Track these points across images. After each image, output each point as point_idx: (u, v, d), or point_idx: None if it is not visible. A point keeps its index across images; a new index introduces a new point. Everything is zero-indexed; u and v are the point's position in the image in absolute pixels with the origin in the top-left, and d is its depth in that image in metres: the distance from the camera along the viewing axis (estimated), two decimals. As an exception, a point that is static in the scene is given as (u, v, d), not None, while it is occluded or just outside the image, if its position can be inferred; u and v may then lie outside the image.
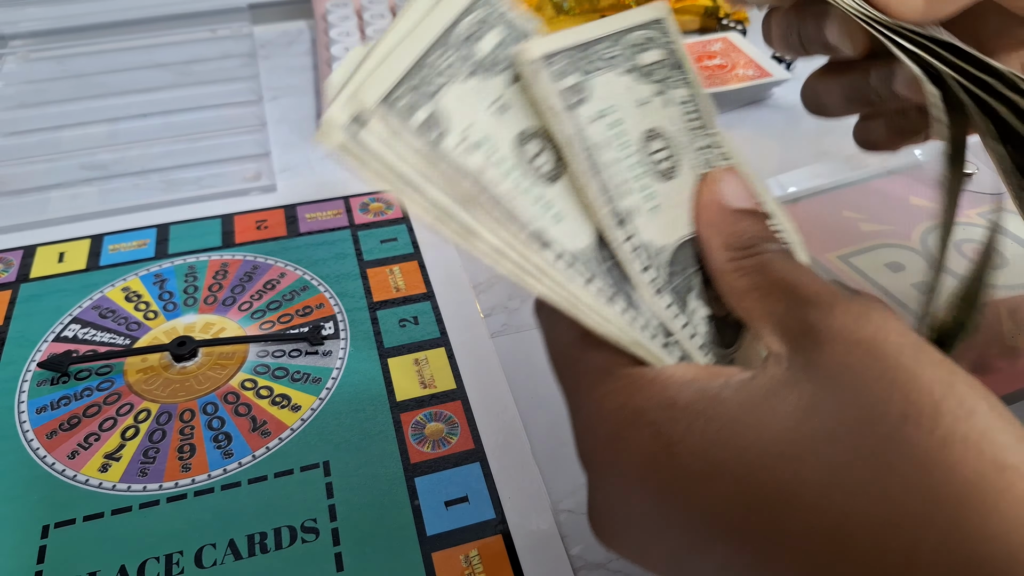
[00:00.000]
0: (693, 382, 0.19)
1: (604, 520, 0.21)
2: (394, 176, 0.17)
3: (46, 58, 0.61)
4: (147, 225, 0.46)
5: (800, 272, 0.20)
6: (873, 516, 0.16)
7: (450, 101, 0.19)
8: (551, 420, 0.36)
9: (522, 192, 0.19)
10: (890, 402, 0.16)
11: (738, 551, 0.18)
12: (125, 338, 0.39)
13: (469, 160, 0.18)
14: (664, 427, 0.18)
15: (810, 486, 0.16)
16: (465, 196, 0.18)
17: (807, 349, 0.18)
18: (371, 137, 0.17)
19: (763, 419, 0.17)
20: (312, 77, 0.61)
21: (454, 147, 0.18)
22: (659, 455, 0.18)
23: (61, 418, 0.35)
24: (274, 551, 0.31)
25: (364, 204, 0.48)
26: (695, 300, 0.21)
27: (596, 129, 0.20)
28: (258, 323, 0.40)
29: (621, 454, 0.19)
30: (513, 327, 0.40)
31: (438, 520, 0.31)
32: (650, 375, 0.19)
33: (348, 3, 0.63)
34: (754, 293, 0.20)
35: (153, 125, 0.54)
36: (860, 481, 0.16)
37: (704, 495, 0.18)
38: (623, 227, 0.20)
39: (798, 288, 0.19)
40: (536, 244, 0.19)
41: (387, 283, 0.42)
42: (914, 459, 0.16)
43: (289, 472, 0.33)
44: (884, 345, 0.17)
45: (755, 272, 0.20)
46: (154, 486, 0.33)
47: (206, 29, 0.65)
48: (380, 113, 0.17)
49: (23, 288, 0.42)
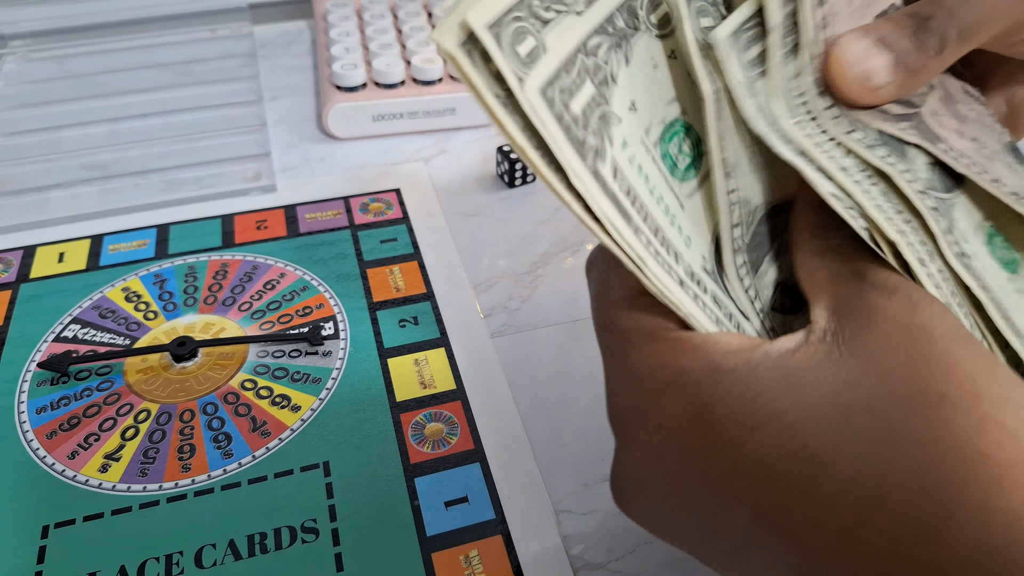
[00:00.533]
0: (738, 351, 0.19)
1: (628, 484, 0.21)
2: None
3: (46, 58, 0.61)
4: (147, 225, 0.46)
5: (874, 259, 0.20)
6: (907, 486, 0.16)
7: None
8: (551, 420, 0.36)
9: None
10: (931, 382, 0.17)
11: (767, 513, 0.18)
12: (125, 338, 0.39)
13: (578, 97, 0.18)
14: (705, 387, 0.19)
15: (846, 452, 0.17)
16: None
17: (857, 327, 0.18)
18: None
19: (803, 389, 0.18)
20: (312, 77, 0.61)
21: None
22: (698, 414, 0.19)
23: (61, 418, 0.35)
24: (274, 551, 0.31)
25: (364, 204, 0.48)
26: (768, 264, 0.21)
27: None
28: (258, 323, 0.40)
29: (659, 411, 0.20)
30: (513, 327, 0.40)
31: (438, 520, 0.31)
32: (696, 340, 0.20)
33: (348, 3, 0.63)
34: (825, 270, 0.20)
35: (153, 125, 0.54)
36: (896, 452, 0.16)
37: (738, 455, 0.18)
38: (729, 179, 0.20)
39: (868, 272, 0.20)
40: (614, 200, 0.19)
41: (387, 283, 0.42)
42: (950, 439, 0.16)
43: (289, 472, 0.33)
44: (933, 332, 0.18)
45: (832, 252, 0.21)
46: (154, 486, 0.33)
47: (206, 29, 0.65)
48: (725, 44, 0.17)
49: (23, 288, 0.42)
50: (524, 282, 0.43)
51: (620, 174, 0.18)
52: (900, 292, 0.19)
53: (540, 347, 0.39)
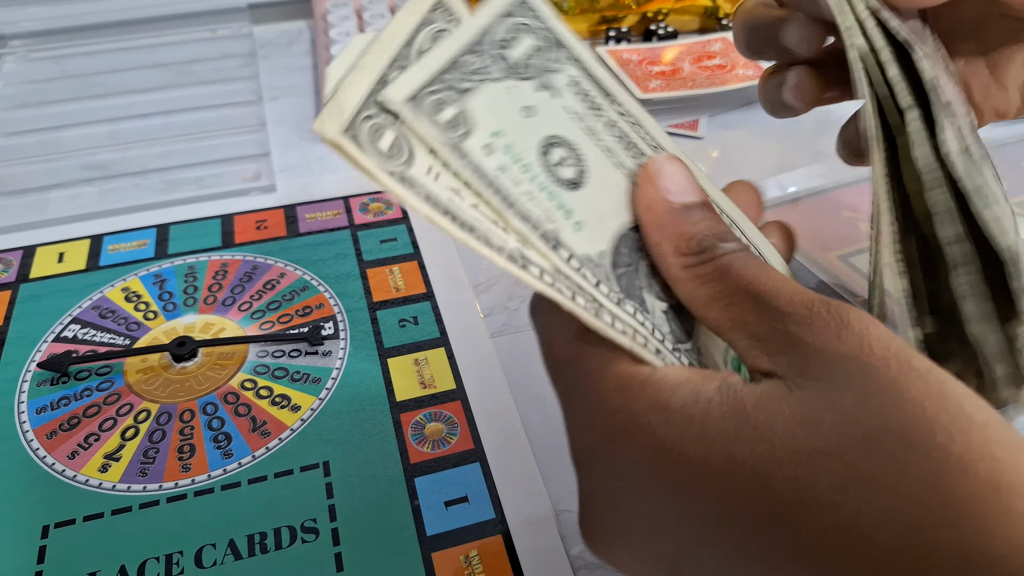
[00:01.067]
0: (686, 384, 0.19)
1: (596, 524, 0.21)
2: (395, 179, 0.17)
3: (46, 58, 0.61)
4: (147, 225, 0.46)
5: (764, 275, 0.19)
6: (881, 535, 0.16)
7: (479, 103, 0.18)
8: (551, 420, 0.36)
9: (541, 196, 0.19)
10: (888, 420, 0.16)
11: (735, 551, 0.18)
12: (125, 338, 0.39)
13: (489, 160, 0.18)
14: (659, 430, 0.18)
15: (811, 501, 0.16)
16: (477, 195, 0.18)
17: (795, 363, 0.18)
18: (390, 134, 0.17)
19: (758, 431, 0.17)
20: (312, 77, 0.61)
21: (478, 147, 0.18)
22: (655, 457, 0.18)
23: (61, 418, 0.35)
24: (274, 551, 0.31)
25: (364, 204, 0.48)
26: (651, 297, 0.21)
27: (494, 160, 0.19)
28: (258, 323, 0.40)
29: (618, 456, 0.19)
30: (513, 327, 0.40)
31: (438, 520, 0.31)
32: (643, 376, 0.19)
33: (348, 3, 0.63)
34: (718, 303, 0.19)
35: (153, 125, 0.54)
36: (864, 499, 0.16)
37: (702, 501, 0.18)
38: (558, 251, 0.19)
39: (766, 297, 0.18)
40: (547, 244, 0.19)
41: (387, 283, 0.42)
42: (913, 483, 0.16)
43: (289, 472, 0.33)
44: (870, 358, 0.17)
45: (715, 279, 0.19)
46: (154, 486, 0.33)
47: (206, 29, 0.65)
48: (407, 109, 0.17)
49: (23, 288, 0.42)
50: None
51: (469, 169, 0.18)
52: (815, 320, 0.18)
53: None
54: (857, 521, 0.16)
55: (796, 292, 0.19)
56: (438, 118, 0.18)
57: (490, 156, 0.19)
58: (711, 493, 0.17)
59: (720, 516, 0.17)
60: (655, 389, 0.19)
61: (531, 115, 0.20)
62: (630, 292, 0.20)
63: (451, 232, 0.17)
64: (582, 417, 0.20)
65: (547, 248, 0.19)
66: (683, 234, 0.20)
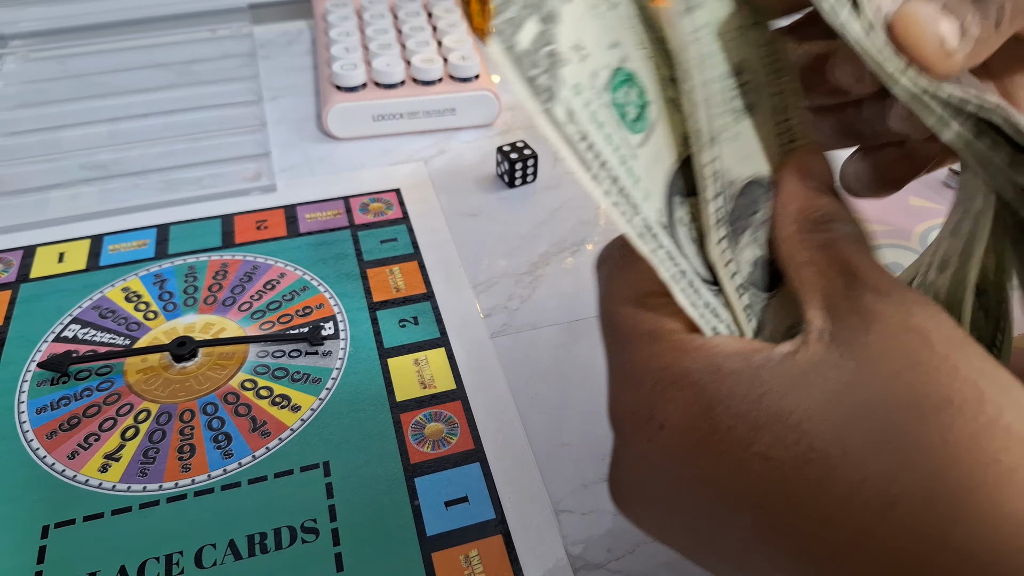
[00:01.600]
0: (738, 354, 0.19)
1: (627, 484, 0.22)
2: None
3: (46, 58, 0.61)
4: (147, 225, 0.46)
5: (865, 257, 0.20)
6: (914, 492, 0.16)
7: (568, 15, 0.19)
8: (551, 420, 0.36)
9: (720, 111, 0.20)
10: (934, 386, 0.17)
11: (771, 514, 0.18)
12: (125, 338, 0.39)
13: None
14: (708, 388, 0.19)
15: (853, 454, 0.17)
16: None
17: (854, 329, 0.18)
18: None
19: (805, 390, 0.18)
20: (312, 77, 0.61)
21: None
22: (701, 415, 0.19)
23: (61, 418, 0.35)
24: (274, 551, 0.31)
25: (364, 204, 0.48)
26: (747, 238, 0.21)
27: (707, 39, 0.20)
28: (258, 323, 0.40)
29: (661, 411, 0.20)
30: (513, 327, 0.40)
31: (438, 520, 0.31)
32: (698, 341, 0.20)
33: (348, 3, 0.63)
34: (813, 267, 0.20)
35: (153, 125, 0.54)
36: (902, 457, 0.16)
37: (743, 455, 0.18)
38: (712, 147, 0.20)
39: (859, 271, 0.20)
40: (711, 150, 0.19)
41: (387, 283, 0.42)
42: (955, 444, 0.16)
43: (289, 472, 0.33)
44: (932, 334, 0.18)
45: (821, 248, 0.20)
46: (154, 486, 0.33)
47: (206, 29, 0.65)
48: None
49: (23, 288, 0.42)
50: (524, 282, 0.43)
51: (575, 118, 0.18)
52: (894, 294, 0.19)
53: (540, 347, 0.39)
54: (895, 477, 0.16)
55: (887, 275, 0.20)
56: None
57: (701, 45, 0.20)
58: (751, 448, 0.18)
59: (760, 473, 0.18)
60: (708, 353, 0.20)
61: (740, 29, 0.21)
62: (735, 223, 0.21)
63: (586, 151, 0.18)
64: (628, 372, 0.21)
65: (709, 148, 0.20)
66: (809, 205, 0.21)
